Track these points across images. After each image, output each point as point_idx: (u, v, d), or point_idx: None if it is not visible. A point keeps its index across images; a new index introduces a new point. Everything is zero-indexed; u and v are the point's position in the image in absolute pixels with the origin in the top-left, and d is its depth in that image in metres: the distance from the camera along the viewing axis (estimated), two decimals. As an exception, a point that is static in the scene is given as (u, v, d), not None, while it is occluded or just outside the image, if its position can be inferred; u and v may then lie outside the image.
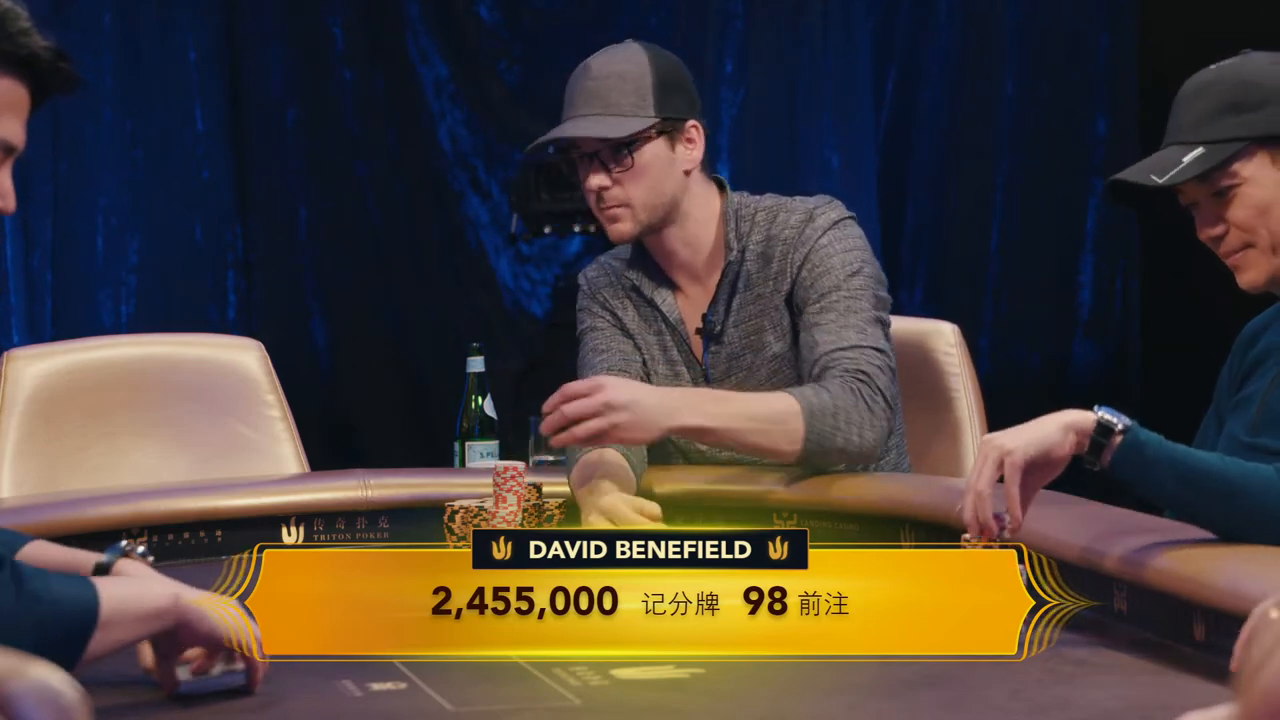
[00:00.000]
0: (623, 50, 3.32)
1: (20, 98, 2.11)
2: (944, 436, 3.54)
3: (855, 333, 3.20)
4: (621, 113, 3.26)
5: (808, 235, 3.29)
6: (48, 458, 3.50)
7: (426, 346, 6.68)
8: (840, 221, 3.31)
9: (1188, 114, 2.65)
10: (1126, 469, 2.40)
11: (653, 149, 3.28)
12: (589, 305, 3.44)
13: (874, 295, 3.26)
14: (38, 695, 1.44)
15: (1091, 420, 2.40)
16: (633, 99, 3.26)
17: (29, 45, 2.08)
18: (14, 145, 2.11)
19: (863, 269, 3.27)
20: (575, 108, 3.28)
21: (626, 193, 3.28)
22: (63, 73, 2.12)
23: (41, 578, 2.10)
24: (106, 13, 6.32)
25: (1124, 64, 6.83)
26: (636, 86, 3.26)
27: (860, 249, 3.29)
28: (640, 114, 3.26)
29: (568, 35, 6.76)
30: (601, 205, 3.30)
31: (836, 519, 3.08)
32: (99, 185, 6.29)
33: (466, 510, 3.07)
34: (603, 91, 3.26)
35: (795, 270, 3.28)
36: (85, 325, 6.06)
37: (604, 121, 3.25)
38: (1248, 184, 2.62)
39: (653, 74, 3.28)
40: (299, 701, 2.19)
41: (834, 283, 3.25)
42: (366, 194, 6.65)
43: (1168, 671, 2.25)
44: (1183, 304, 6.62)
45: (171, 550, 3.09)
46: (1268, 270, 2.64)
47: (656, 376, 3.38)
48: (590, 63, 3.31)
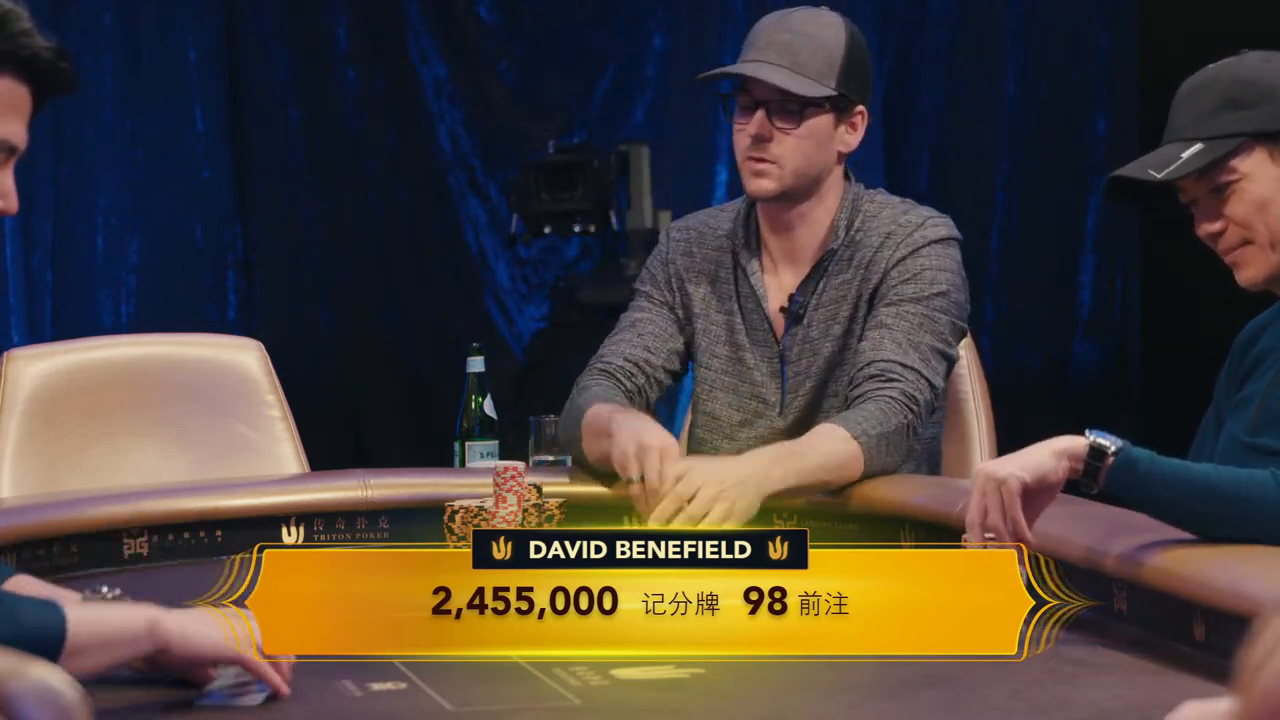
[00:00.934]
0: (825, 15, 3.29)
1: (22, 99, 2.10)
2: (952, 438, 3.54)
3: (918, 356, 3.18)
4: (807, 74, 3.23)
5: (915, 239, 3.26)
6: (48, 458, 3.50)
7: (426, 346, 6.68)
8: (948, 240, 3.29)
9: (1186, 111, 2.66)
10: (1123, 489, 2.41)
11: (821, 120, 3.25)
12: (657, 272, 3.40)
13: (951, 323, 3.24)
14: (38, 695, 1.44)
15: (1084, 445, 2.41)
16: (820, 65, 3.23)
17: (30, 46, 2.08)
18: (15, 146, 2.11)
19: (950, 293, 3.25)
20: (762, 53, 3.24)
21: (782, 150, 3.25)
22: (64, 73, 2.12)
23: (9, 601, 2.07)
24: (106, 13, 6.32)
25: (1124, 64, 6.82)
26: (828, 55, 3.24)
27: (955, 273, 3.27)
28: (824, 81, 3.24)
29: (568, 35, 6.76)
30: (751, 154, 3.27)
31: (836, 519, 3.08)
32: (99, 185, 6.30)
33: (466, 510, 3.07)
34: (795, 47, 3.23)
35: (889, 266, 3.25)
36: (85, 325, 6.06)
37: (791, 77, 3.22)
38: (1246, 180, 2.62)
39: (846, 48, 3.25)
40: (299, 701, 2.19)
41: (917, 293, 3.22)
42: (367, 194, 6.66)
43: (1168, 671, 2.25)
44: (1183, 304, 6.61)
45: (171, 550, 3.09)
46: (1266, 267, 2.64)
47: (715, 358, 3.35)
48: (791, 15, 3.27)
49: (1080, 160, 6.85)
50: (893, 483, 3.09)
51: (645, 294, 3.41)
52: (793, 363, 3.31)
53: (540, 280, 6.75)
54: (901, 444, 3.12)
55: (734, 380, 3.34)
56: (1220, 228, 2.65)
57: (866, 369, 3.18)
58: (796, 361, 3.31)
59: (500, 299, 6.73)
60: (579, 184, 6.16)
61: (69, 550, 3.00)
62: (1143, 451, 2.41)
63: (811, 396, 3.30)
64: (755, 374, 3.32)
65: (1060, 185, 6.85)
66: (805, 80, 3.23)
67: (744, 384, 3.34)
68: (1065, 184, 6.85)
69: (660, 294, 3.40)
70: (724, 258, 3.37)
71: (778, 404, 3.31)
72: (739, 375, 3.34)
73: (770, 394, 3.31)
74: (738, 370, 3.34)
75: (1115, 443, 2.40)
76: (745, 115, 3.27)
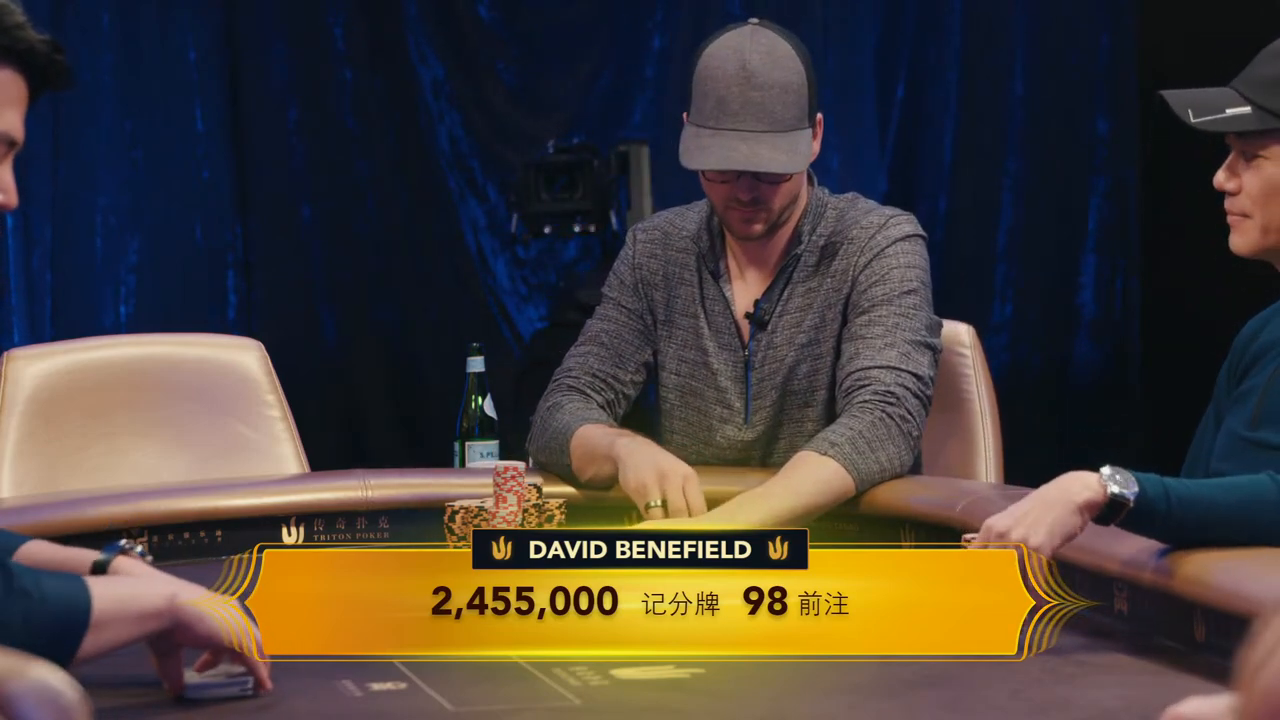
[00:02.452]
0: (778, 50, 3.21)
1: (19, 91, 2.11)
2: (957, 437, 3.53)
3: (897, 354, 3.16)
4: (787, 128, 3.17)
5: (877, 241, 3.24)
6: (48, 458, 3.50)
7: (426, 346, 6.68)
8: (911, 237, 3.27)
9: (1261, 69, 2.63)
10: (1138, 530, 2.39)
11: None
12: (625, 276, 3.38)
13: (926, 317, 3.22)
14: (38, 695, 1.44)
15: (1102, 495, 2.36)
16: (795, 112, 3.18)
17: (26, 39, 2.09)
18: (15, 139, 2.11)
19: (919, 290, 3.23)
20: (739, 119, 3.17)
21: (769, 200, 3.23)
22: (59, 66, 2.12)
23: (33, 576, 2.09)
24: (106, 13, 6.32)
25: (1124, 64, 6.83)
26: (798, 97, 3.19)
27: (922, 269, 3.25)
28: (802, 126, 3.19)
29: (566, 36, 6.76)
30: (736, 207, 3.22)
31: (836, 519, 3.08)
32: (99, 185, 6.30)
33: (466, 510, 3.07)
34: (769, 104, 3.16)
35: (856, 273, 3.24)
36: (85, 325, 6.06)
37: (778, 144, 3.15)
38: (1272, 162, 2.62)
39: (806, 78, 3.20)
40: (299, 701, 2.19)
41: (887, 294, 3.21)
42: (366, 194, 6.66)
43: (1168, 671, 2.25)
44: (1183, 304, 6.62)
45: (171, 550, 3.09)
46: (1255, 243, 2.66)
47: (682, 363, 3.34)
48: (751, 66, 3.19)
49: (1081, 160, 6.85)
50: (893, 483, 3.09)
51: (614, 301, 3.40)
52: (757, 368, 3.30)
53: (540, 280, 6.75)
54: (887, 440, 3.08)
55: (700, 385, 3.32)
56: (1235, 188, 2.66)
57: (845, 383, 3.17)
58: (760, 368, 3.29)
59: (500, 299, 6.73)
60: (579, 184, 6.16)
61: (69, 550, 2.99)
62: (1157, 489, 2.36)
63: (777, 404, 3.29)
64: (720, 379, 3.31)
65: (1061, 185, 6.86)
66: (792, 137, 3.17)
67: (710, 389, 3.32)
68: (1066, 184, 6.86)
69: (628, 300, 3.38)
70: (689, 260, 3.36)
71: (743, 410, 3.29)
72: (705, 380, 3.32)
73: (735, 400, 3.30)
74: (703, 375, 3.32)
75: (1131, 490, 2.35)
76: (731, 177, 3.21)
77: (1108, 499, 2.35)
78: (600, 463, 3.16)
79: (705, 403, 3.32)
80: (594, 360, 3.34)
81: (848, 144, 6.58)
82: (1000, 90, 6.81)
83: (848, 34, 6.64)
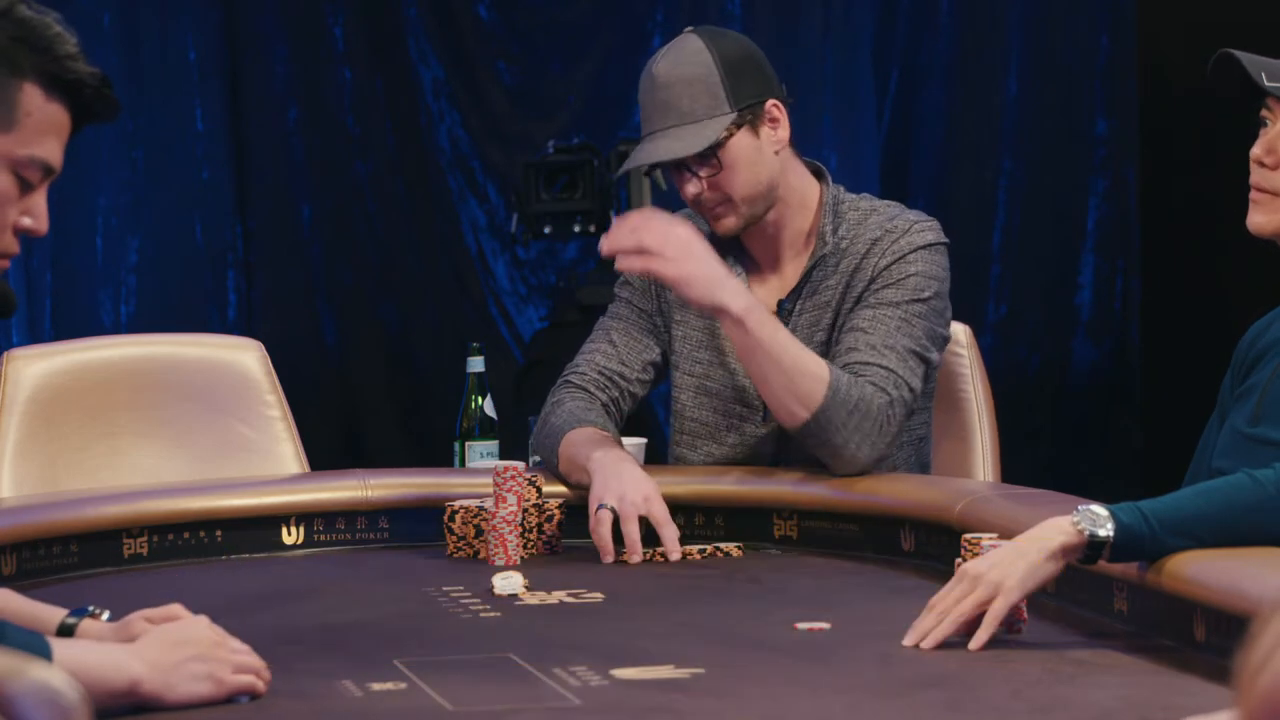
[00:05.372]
0: (684, 48, 3.25)
1: (63, 121, 2.08)
2: (953, 437, 3.53)
3: (895, 357, 3.16)
4: (697, 118, 3.19)
5: (901, 245, 3.23)
6: (48, 458, 3.50)
7: (426, 346, 6.69)
8: (935, 245, 3.27)
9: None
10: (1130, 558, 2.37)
11: (737, 143, 3.22)
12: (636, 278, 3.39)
13: (929, 328, 3.21)
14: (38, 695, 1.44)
15: (1079, 539, 2.34)
16: (705, 101, 3.20)
17: (76, 71, 2.07)
18: (53, 167, 2.09)
19: (931, 300, 3.22)
20: (651, 122, 3.23)
21: (724, 192, 3.24)
22: (107, 100, 2.10)
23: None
24: (106, 13, 6.32)
25: (1124, 64, 6.83)
26: (706, 86, 3.20)
27: (940, 280, 3.24)
28: (717, 114, 3.20)
29: (565, 35, 6.77)
30: (702, 208, 3.27)
31: (836, 519, 3.08)
32: (99, 185, 6.30)
33: (466, 510, 3.07)
34: (674, 100, 3.20)
35: (875, 273, 3.23)
36: (85, 325, 6.06)
37: (682, 134, 3.19)
38: None
39: (719, 67, 3.21)
40: (299, 701, 2.19)
41: (897, 298, 3.20)
42: (366, 194, 6.66)
43: (1168, 671, 2.25)
44: (1183, 304, 6.62)
45: (171, 550, 3.09)
46: (1273, 225, 2.64)
47: (696, 363, 3.32)
48: (655, 70, 3.24)
49: (1080, 160, 6.85)
50: (893, 483, 3.09)
51: (625, 300, 3.40)
52: None
53: (540, 281, 6.75)
54: (871, 432, 3.08)
55: (716, 385, 3.32)
56: (1272, 163, 2.64)
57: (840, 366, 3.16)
58: None
59: (500, 299, 6.73)
60: (579, 184, 6.16)
61: (69, 550, 3.00)
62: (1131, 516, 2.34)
63: None
64: (739, 377, 3.30)
65: (1060, 185, 6.86)
66: (699, 126, 3.19)
67: (726, 389, 3.31)
68: (1065, 184, 6.86)
69: (639, 300, 3.38)
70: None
71: (761, 408, 3.28)
72: (721, 380, 3.32)
73: (753, 398, 3.29)
74: (720, 375, 3.32)
75: (1106, 526, 2.33)
76: (676, 179, 3.27)
77: (1085, 540, 2.34)
78: (579, 472, 3.17)
79: (721, 401, 3.32)
80: (601, 358, 3.35)
81: (848, 144, 6.58)
82: (995, 90, 6.81)
83: (847, 34, 6.64)
